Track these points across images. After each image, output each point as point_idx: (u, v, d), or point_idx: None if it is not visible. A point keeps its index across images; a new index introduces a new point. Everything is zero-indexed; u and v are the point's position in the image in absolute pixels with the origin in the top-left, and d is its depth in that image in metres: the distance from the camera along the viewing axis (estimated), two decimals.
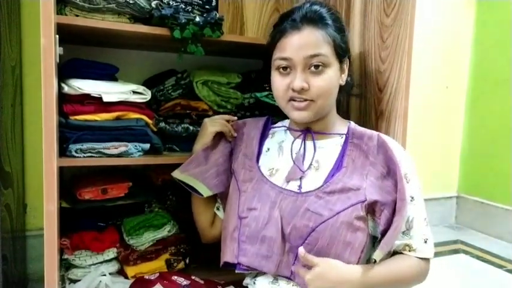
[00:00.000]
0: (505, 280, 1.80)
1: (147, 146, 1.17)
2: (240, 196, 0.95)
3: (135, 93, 1.15)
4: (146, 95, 1.17)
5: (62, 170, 1.33)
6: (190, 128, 1.28)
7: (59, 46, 0.89)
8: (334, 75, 0.91)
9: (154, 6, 1.15)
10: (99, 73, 1.16)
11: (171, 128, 1.27)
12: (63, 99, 1.08)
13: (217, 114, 1.23)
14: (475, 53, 2.47)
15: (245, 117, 1.29)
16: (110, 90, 1.11)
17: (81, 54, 1.25)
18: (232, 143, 1.08)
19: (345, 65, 0.96)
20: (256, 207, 0.90)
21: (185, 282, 1.00)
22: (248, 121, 1.09)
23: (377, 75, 1.14)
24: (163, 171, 1.37)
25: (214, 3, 1.25)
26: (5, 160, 1.23)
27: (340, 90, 0.96)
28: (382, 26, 1.12)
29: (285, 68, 0.90)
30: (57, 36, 0.84)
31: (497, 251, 2.12)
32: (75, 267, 1.21)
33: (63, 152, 1.07)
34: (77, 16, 1.08)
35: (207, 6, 1.22)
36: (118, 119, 1.13)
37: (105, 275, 1.19)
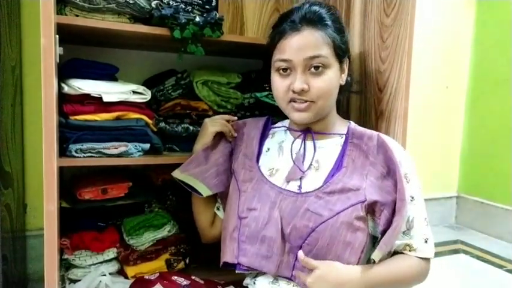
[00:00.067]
0: (505, 280, 1.80)
1: (147, 146, 1.17)
2: (240, 196, 0.95)
3: (135, 93, 1.16)
4: (146, 95, 1.17)
5: (62, 170, 1.33)
6: (190, 128, 1.28)
7: (59, 46, 0.89)
8: (334, 76, 0.91)
9: (154, 6, 1.15)
10: (99, 73, 1.16)
11: (171, 128, 1.27)
12: (63, 99, 1.08)
13: (217, 114, 1.23)
14: (475, 53, 2.47)
15: (245, 117, 1.29)
16: (110, 90, 1.11)
17: (81, 54, 1.25)
18: (233, 143, 1.08)
19: (345, 65, 0.95)
20: (256, 207, 0.90)
21: (185, 282, 1.00)
22: (248, 121, 1.09)
23: (377, 75, 1.14)
24: (163, 171, 1.37)
25: (214, 3, 1.25)
26: (5, 160, 1.23)
27: (340, 89, 0.96)
28: (382, 26, 1.12)
29: (285, 69, 0.90)
30: (57, 36, 0.84)
31: (497, 251, 2.12)
32: (75, 267, 1.21)
33: (63, 152, 1.08)
34: (77, 16, 1.08)
35: (207, 6, 1.22)
36: (118, 119, 1.13)
37: (105, 275, 1.19)
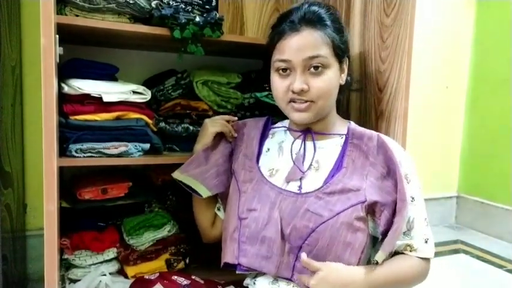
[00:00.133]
0: (505, 280, 1.80)
1: (147, 146, 1.17)
2: (240, 197, 0.95)
3: (135, 93, 1.15)
4: (146, 95, 1.17)
5: (62, 170, 1.33)
6: (190, 128, 1.28)
7: (59, 46, 0.89)
8: (334, 76, 0.91)
9: (154, 6, 1.15)
10: (99, 73, 1.16)
11: (171, 128, 1.27)
12: (63, 99, 1.08)
13: (217, 114, 1.23)
14: (475, 53, 2.47)
15: (245, 117, 1.29)
16: (110, 90, 1.11)
17: (81, 54, 1.24)
18: (233, 144, 1.08)
19: (345, 65, 0.95)
20: (256, 208, 0.90)
21: (185, 282, 1.00)
22: (248, 121, 1.09)
23: (377, 75, 1.14)
24: (163, 171, 1.37)
25: (214, 3, 1.25)
26: (5, 160, 1.23)
27: (340, 89, 0.96)
28: (382, 26, 1.12)
29: (285, 69, 0.90)
30: (57, 36, 0.84)
31: (497, 251, 2.12)
32: (75, 267, 1.21)
33: (63, 152, 1.07)
34: (77, 16, 1.08)
35: (207, 6, 1.22)
36: (118, 119, 1.13)
37: (105, 274, 1.19)
